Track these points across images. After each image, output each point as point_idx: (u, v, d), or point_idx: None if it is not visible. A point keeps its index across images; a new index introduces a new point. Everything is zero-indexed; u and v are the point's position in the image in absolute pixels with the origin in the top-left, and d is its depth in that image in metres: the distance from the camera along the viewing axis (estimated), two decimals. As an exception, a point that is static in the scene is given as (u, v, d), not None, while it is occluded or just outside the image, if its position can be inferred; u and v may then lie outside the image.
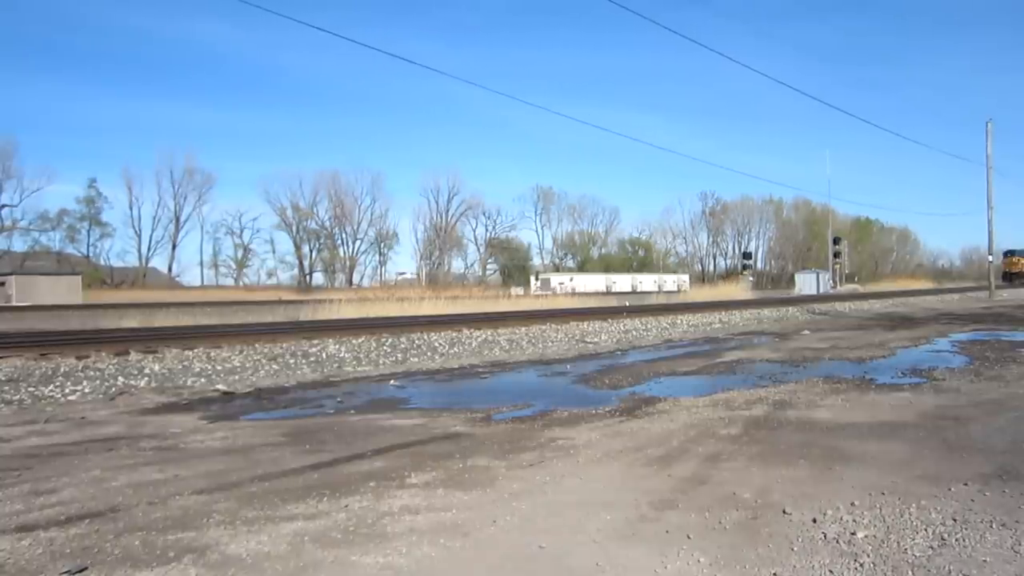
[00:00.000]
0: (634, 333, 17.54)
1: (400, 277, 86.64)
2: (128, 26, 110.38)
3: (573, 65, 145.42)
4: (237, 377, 9.95)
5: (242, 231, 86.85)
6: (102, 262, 77.29)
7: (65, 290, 47.70)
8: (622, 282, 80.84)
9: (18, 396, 8.27)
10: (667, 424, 6.27)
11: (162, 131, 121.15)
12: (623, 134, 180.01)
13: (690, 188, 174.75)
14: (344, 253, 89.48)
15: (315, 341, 14.75)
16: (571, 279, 76.53)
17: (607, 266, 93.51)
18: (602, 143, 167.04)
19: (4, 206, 68.14)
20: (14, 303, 41.40)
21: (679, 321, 21.50)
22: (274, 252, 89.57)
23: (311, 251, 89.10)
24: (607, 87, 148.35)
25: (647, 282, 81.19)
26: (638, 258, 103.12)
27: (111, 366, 10.89)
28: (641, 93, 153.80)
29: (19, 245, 70.41)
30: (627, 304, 33.75)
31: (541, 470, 4.82)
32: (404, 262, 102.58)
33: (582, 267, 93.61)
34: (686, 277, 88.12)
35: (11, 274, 49.80)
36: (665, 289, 69.50)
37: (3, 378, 9.60)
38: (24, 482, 4.69)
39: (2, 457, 5.44)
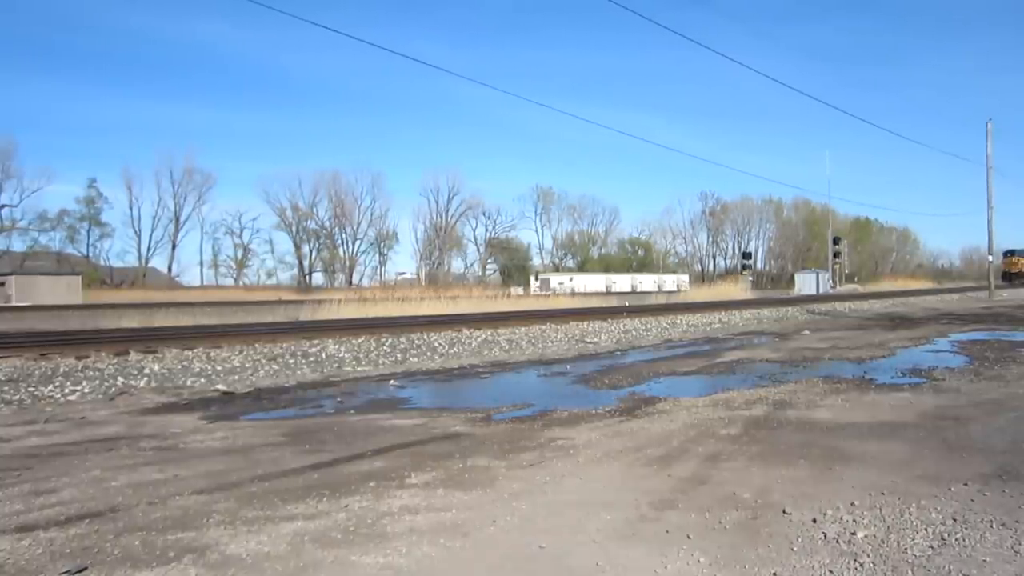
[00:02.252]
0: (634, 333, 17.54)
1: (400, 277, 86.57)
2: (128, 26, 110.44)
3: (574, 65, 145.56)
4: (237, 377, 9.94)
5: (242, 231, 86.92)
6: (102, 262, 77.33)
7: (65, 290, 47.70)
8: (622, 282, 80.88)
9: (18, 396, 8.26)
10: (667, 424, 6.26)
11: (162, 131, 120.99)
12: (624, 133, 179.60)
13: (690, 188, 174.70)
14: (344, 253, 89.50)
15: (315, 341, 14.75)
16: (571, 279, 76.60)
17: (607, 266, 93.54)
18: (602, 143, 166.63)
19: (4, 206, 68.14)
20: (14, 303, 41.40)
21: (679, 321, 21.51)
22: (273, 252, 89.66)
23: (311, 251, 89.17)
24: (608, 87, 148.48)
25: (647, 282, 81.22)
26: (638, 258, 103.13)
27: (111, 366, 10.90)
28: (642, 93, 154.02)
29: (19, 245, 70.43)
30: (627, 304, 33.76)
31: (541, 470, 4.81)
32: (404, 262, 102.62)
33: (582, 267, 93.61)
34: (686, 277, 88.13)
35: (11, 274, 49.79)
36: (665, 289, 69.46)
37: (3, 378, 9.60)
38: (24, 482, 4.69)
39: (2, 457, 5.44)
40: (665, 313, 25.04)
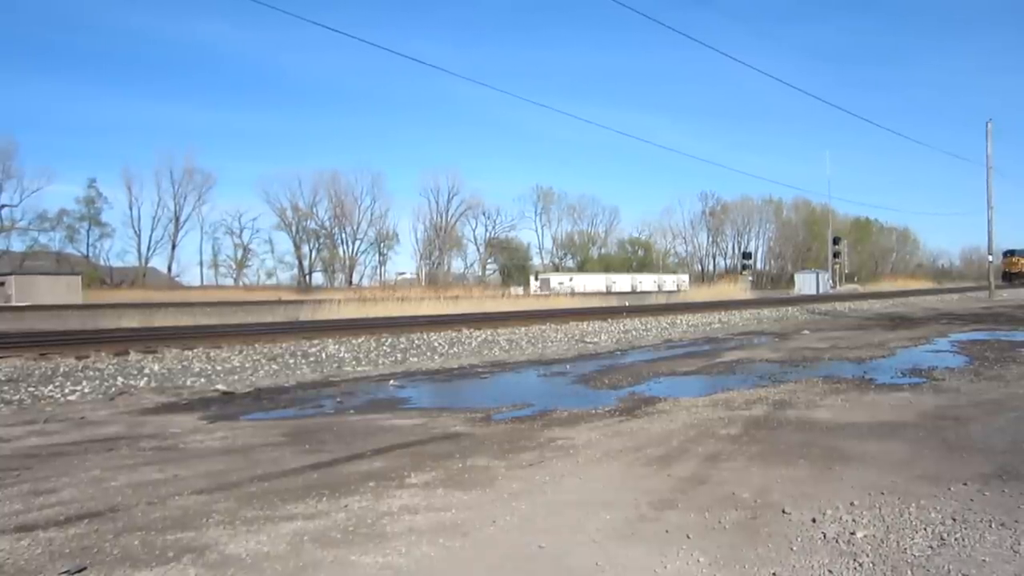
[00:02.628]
0: (634, 333, 17.54)
1: (400, 277, 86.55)
2: (127, 26, 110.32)
3: (574, 65, 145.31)
4: (237, 377, 9.94)
5: (241, 231, 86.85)
6: (102, 262, 77.22)
7: (65, 290, 47.67)
8: (622, 282, 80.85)
9: (18, 396, 8.26)
10: (667, 424, 6.26)
11: (161, 131, 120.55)
12: (623, 133, 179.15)
13: (690, 188, 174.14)
14: (344, 253, 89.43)
15: (315, 341, 14.75)
16: (571, 279, 76.58)
17: (607, 266, 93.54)
18: (602, 142, 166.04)
19: (4, 206, 67.94)
20: (14, 303, 41.38)
21: (679, 321, 21.51)
22: (273, 252, 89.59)
23: (311, 251, 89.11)
24: (608, 87, 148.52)
25: (647, 282, 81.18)
26: (638, 258, 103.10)
27: (111, 366, 10.89)
28: (642, 93, 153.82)
29: (18, 245, 70.28)
30: (627, 304, 33.78)
31: (541, 470, 4.81)
32: (404, 262, 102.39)
33: (582, 267, 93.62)
34: (686, 277, 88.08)
35: (11, 274, 49.79)
36: (665, 289, 69.44)
37: (3, 378, 9.60)
38: (24, 482, 4.69)
39: (2, 457, 5.44)
40: (665, 313, 25.04)
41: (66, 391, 8.61)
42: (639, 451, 5.29)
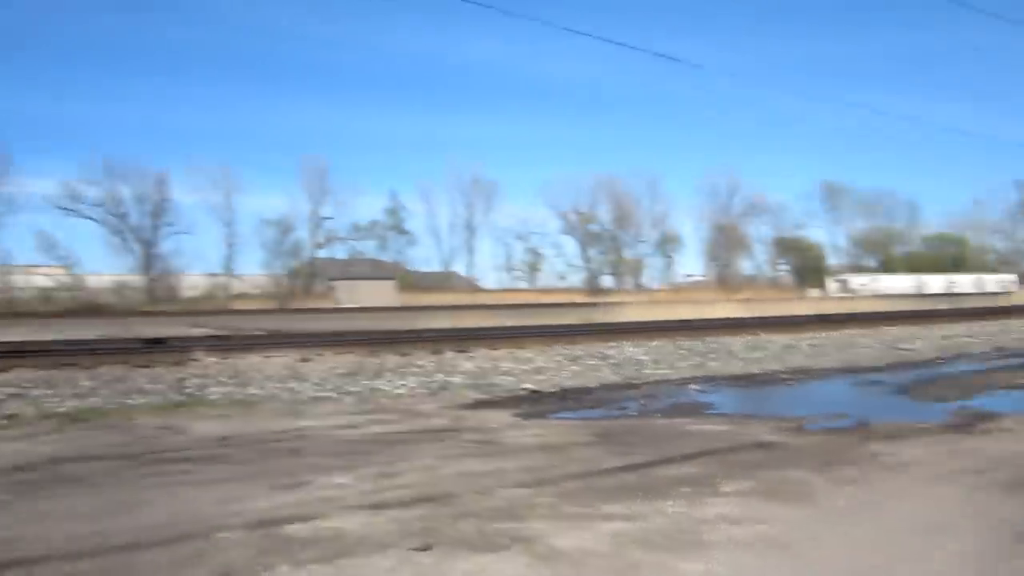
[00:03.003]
0: (955, 339, 15.84)
1: (688, 279, 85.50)
2: (409, 51, 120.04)
3: (859, 50, 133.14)
4: (542, 377, 10.40)
5: (529, 236, 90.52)
6: (409, 267, 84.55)
7: (382, 293, 53.30)
8: (933, 283, 73.17)
9: (357, 388, 9.32)
10: (1012, 444, 5.58)
11: (449, 144, 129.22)
12: (918, 120, 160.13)
13: (1002, 176, 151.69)
14: (629, 256, 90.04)
15: (611, 343, 15.02)
16: (873, 280, 70.80)
17: (913, 265, 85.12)
18: (891, 132, 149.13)
19: (326, 218, 76.53)
20: (342, 304, 46.96)
21: (1011, 326, 19.07)
22: (562, 256, 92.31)
23: (597, 254, 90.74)
24: (897, 71, 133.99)
25: (964, 282, 72.78)
26: (950, 256, 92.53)
27: (429, 363, 11.90)
28: (937, 75, 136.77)
29: (340, 253, 78.97)
30: (942, 307, 30.58)
31: (865, 487, 4.50)
32: (690, 263, 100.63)
33: (885, 267, 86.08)
34: (1013, 277, 77.66)
35: (338, 279, 56.60)
36: (987, 290, 61.90)
37: (344, 372, 10.86)
38: (372, 465, 5.27)
39: (351, 442, 6.17)
40: (991, 317, 22.33)
41: (395, 385, 9.56)
42: (981, 473, 4.75)
